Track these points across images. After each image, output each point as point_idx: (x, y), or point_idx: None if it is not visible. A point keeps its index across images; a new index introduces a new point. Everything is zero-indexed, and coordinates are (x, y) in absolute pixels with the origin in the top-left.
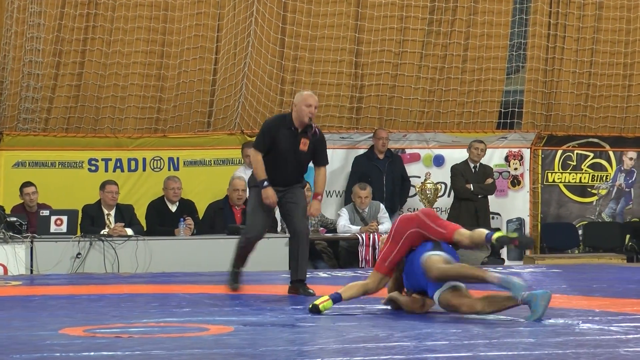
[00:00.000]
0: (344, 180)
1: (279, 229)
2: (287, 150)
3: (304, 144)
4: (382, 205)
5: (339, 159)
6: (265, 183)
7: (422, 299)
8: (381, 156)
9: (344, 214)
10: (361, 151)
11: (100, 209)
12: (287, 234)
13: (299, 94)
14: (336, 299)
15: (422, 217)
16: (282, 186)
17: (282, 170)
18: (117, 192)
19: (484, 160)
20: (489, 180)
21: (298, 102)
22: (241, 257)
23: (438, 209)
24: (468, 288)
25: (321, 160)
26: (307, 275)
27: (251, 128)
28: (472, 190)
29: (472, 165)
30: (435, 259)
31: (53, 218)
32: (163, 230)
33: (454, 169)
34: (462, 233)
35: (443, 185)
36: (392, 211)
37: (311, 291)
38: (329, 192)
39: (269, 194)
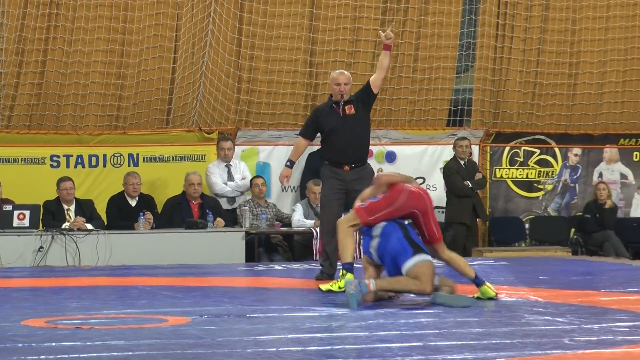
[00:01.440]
0: (298, 175)
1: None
2: (336, 125)
3: (349, 109)
4: None
5: None
6: (288, 163)
7: None
8: None
9: (299, 209)
10: (316, 148)
11: (60, 204)
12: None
13: (331, 74)
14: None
15: (429, 208)
16: (348, 162)
17: (339, 145)
18: (73, 187)
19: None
20: (479, 175)
21: (330, 82)
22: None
23: None
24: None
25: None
26: (262, 268)
27: (209, 125)
28: (470, 187)
29: (462, 162)
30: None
31: (16, 213)
32: (123, 225)
33: (449, 168)
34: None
35: None
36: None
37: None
38: (285, 187)
39: (282, 173)
